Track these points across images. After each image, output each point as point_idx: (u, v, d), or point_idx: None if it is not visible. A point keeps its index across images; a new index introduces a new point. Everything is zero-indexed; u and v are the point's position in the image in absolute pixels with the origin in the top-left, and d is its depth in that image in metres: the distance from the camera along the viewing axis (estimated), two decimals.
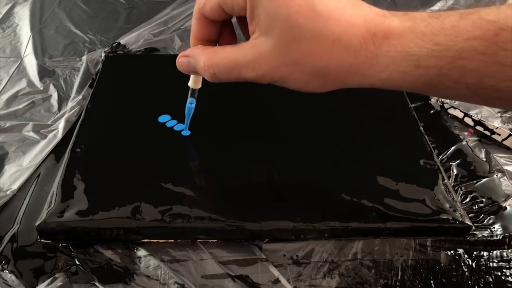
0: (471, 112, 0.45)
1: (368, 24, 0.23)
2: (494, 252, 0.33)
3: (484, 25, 0.21)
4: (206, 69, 0.27)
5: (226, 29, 0.30)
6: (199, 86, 0.34)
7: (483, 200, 0.37)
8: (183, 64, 0.30)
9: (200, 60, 0.28)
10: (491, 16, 0.21)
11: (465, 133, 0.44)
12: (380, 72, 0.24)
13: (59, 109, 0.45)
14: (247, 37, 0.29)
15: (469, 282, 0.31)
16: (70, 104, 0.45)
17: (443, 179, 0.36)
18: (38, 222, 0.32)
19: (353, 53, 0.23)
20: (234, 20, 0.29)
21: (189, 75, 0.33)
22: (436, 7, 0.63)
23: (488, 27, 0.21)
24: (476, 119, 0.44)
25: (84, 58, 0.52)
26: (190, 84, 0.34)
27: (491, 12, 0.21)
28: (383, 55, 0.23)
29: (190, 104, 0.36)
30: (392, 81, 0.24)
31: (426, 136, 0.40)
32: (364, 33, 0.23)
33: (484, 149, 0.42)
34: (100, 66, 0.50)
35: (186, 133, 0.39)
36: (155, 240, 0.33)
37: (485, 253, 0.33)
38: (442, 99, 0.47)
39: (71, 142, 0.38)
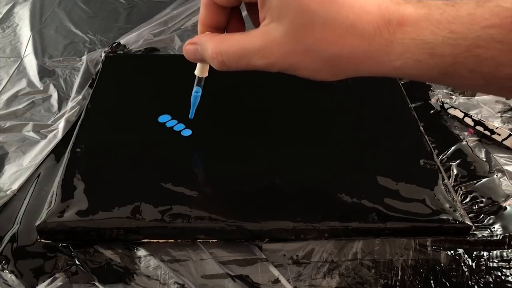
0: (471, 112, 0.45)
1: (382, 11, 0.23)
2: (494, 252, 0.33)
3: (501, 12, 0.21)
4: (214, 56, 0.26)
5: (234, 16, 0.29)
6: (206, 74, 0.33)
7: (483, 200, 0.37)
8: (190, 51, 0.29)
9: (208, 48, 0.27)
10: (509, 4, 0.21)
11: (465, 133, 0.44)
12: (394, 60, 0.23)
13: (59, 109, 0.45)
14: (256, 24, 0.28)
15: (469, 282, 0.31)
16: (70, 104, 0.45)
17: (443, 179, 0.36)
18: (38, 222, 0.32)
19: (367, 40, 0.23)
20: (241, 6, 0.29)
21: (194, 68, 0.33)
22: None
23: (506, 15, 0.21)
24: (476, 119, 0.44)
25: (84, 58, 0.52)
26: (196, 72, 0.33)
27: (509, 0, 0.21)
28: (398, 42, 0.23)
29: (196, 93, 0.35)
30: (406, 69, 0.24)
31: (426, 136, 0.40)
32: (379, 20, 0.23)
33: (484, 149, 0.42)
34: (100, 66, 0.50)
35: (186, 133, 0.39)
36: (155, 240, 0.33)
37: (485, 253, 0.33)
38: (442, 99, 0.47)
39: (71, 142, 0.38)
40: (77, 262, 0.31)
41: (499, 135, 0.43)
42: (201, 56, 0.28)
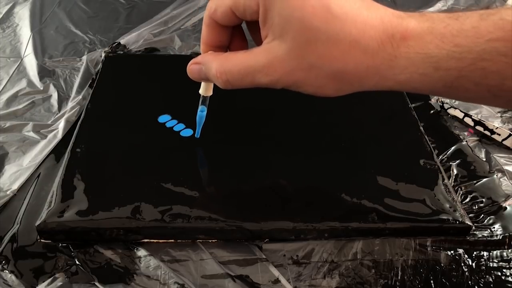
0: (471, 112, 0.45)
1: (385, 25, 0.23)
2: (494, 252, 0.33)
3: (506, 26, 0.21)
4: (218, 76, 0.27)
5: (236, 34, 0.29)
6: (210, 93, 0.33)
7: (483, 200, 0.37)
8: (194, 71, 0.29)
9: (212, 67, 0.27)
10: None
11: (465, 133, 0.44)
12: (398, 74, 0.23)
13: (59, 109, 0.45)
14: (257, 42, 0.28)
15: (469, 282, 0.31)
16: (70, 104, 0.45)
17: (443, 179, 0.36)
18: (38, 222, 0.32)
19: (370, 55, 0.23)
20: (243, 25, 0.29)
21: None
22: (436, 7, 0.63)
23: (510, 28, 0.21)
24: (476, 119, 0.44)
25: (84, 58, 0.52)
26: (201, 91, 0.33)
27: None
28: (402, 56, 0.23)
29: (201, 112, 0.35)
30: (410, 83, 0.24)
31: (426, 136, 0.40)
32: (382, 35, 0.23)
33: (484, 149, 0.42)
34: (100, 66, 0.50)
35: (186, 133, 0.39)
36: (155, 240, 0.33)
37: (485, 253, 0.33)
38: (442, 99, 0.47)
39: (71, 142, 0.38)
40: (77, 262, 0.31)
41: (499, 135, 0.43)
42: (205, 76, 0.28)
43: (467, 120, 0.45)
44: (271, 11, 0.24)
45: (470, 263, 0.32)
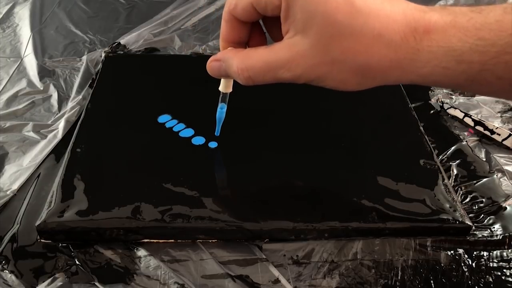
0: (471, 112, 0.45)
1: (407, 19, 0.23)
2: (494, 252, 0.33)
3: None
4: (240, 72, 0.26)
5: (255, 30, 0.29)
6: (230, 90, 0.33)
7: (483, 200, 0.37)
8: (215, 68, 0.29)
9: (233, 64, 0.27)
10: None
11: (465, 133, 0.44)
12: (421, 67, 0.23)
13: (59, 109, 0.45)
14: (274, 37, 0.28)
15: (469, 282, 0.31)
16: (70, 104, 0.45)
17: (443, 179, 0.36)
18: (38, 222, 0.32)
19: (393, 49, 0.23)
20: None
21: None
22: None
23: None
24: (476, 119, 0.44)
25: (84, 58, 0.52)
26: (221, 88, 0.33)
27: None
28: (424, 50, 0.23)
29: (221, 109, 0.35)
30: (433, 76, 0.24)
31: (426, 136, 0.40)
32: (405, 28, 0.23)
33: (484, 149, 0.42)
34: (100, 66, 0.50)
35: (187, 133, 0.39)
36: (155, 240, 0.33)
37: (485, 253, 0.33)
38: (442, 99, 0.47)
39: (71, 142, 0.38)
40: (77, 262, 0.31)
41: (499, 135, 0.43)
42: (225, 72, 0.28)
43: (467, 120, 0.45)
44: (293, 6, 0.24)
45: (470, 263, 0.32)
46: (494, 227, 0.35)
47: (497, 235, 0.34)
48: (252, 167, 0.37)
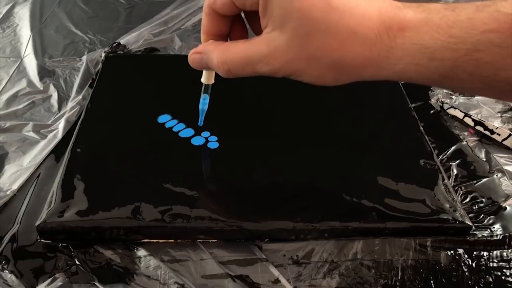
0: (471, 112, 0.45)
1: (382, 16, 0.23)
2: (494, 252, 0.33)
3: (500, 17, 0.21)
4: (220, 65, 0.27)
5: (236, 23, 0.29)
6: (212, 81, 0.34)
7: (483, 200, 0.37)
8: (196, 60, 0.29)
9: (214, 57, 0.27)
10: (507, 9, 0.21)
11: (465, 133, 0.44)
12: (395, 64, 0.24)
13: (59, 109, 0.45)
14: (255, 31, 0.29)
15: (469, 282, 0.31)
16: (70, 104, 0.45)
17: (443, 179, 0.36)
18: (38, 222, 0.32)
19: (368, 46, 0.23)
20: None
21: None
22: None
23: (505, 20, 0.21)
24: (476, 119, 0.44)
25: (84, 58, 0.52)
26: (203, 80, 0.33)
27: (508, 4, 0.21)
28: (398, 47, 0.23)
29: (204, 100, 0.36)
30: (406, 73, 0.24)
31: (426, 136, 0.40)
32: (379, 26, 0.23)
33: (484, 149, 0.42)
34: (100, 66, 0.50)
35: (187, 133, 0.39)
36: (155, 240, 0.33)
37: (485, 253, 0.33)
38: (442, 99, 0.47)
39: (71, 142, 0.38)
40: (77, 262, 0.31)
41: (499, 135, 0.43)
42: (206, 65, 0.29)
43: (467, 120, 0.45)
44: (271, 2, 0.24)
45: (470, 263, 0.32)
46: (494, 227, 0.35)
47: (497, 235, 0.34)
48: (253, 167, 0.37)
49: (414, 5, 0.24)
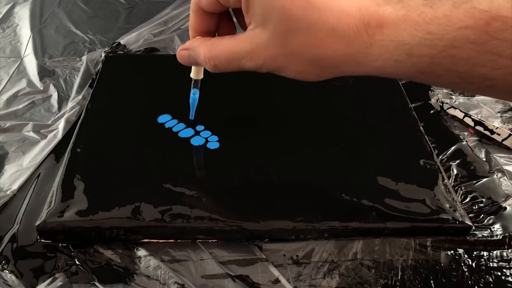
0: (471, 112, 0.45)
1: (362, 13, 0.23)
2: (494, 252, 0.33)
3: (476, 14, 0.21)
4: (207, 61, 0.28)
5: (224, 19, 0.30)
6: (201, 76, 0.34)
7: (483, 200, 0.37)
8: (184, 56, 0.30)
9: (201, 53, 0.28)
10: (483, 6, 0.21)
11: (465, 133, 0.44)
12: (374, 61, 0.24)
13: (59, 109, 0.45)
14: (243, 27, 0.29)
15: (469, 282, 0.31)
16: (70, 104, 0.45)
17: (443, 179, 0.36)
18: (38, 222, 0.32)
19: (347, 43, 0.24)
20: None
21: (190, 69, 0.34)
22: None
23: (480, 17, 0.21)
24: (476, 119, 0.44)
25: (84, 58, 0.52)
26: (192, 75, 0.34)
27: (484, 1, 0.21)
28: (377, 44, 0.23)
29: (194, 95, 0.36)
30: (386, 69, 0.24)
31: (426, 136, 0.40)
32: (358, 23, 0.23)
33: (484, 149, 0.42)
34: (100, 66, 0.50)
35: (186, 133, 0.39)
36: (155, 240, 0.33)
37: (485, 253, 0.33)
38: (442, 99, 0.47)
39: (71, 142, 0.38)
40: (77, 262, 0.31)
41: (499, 135, 0.43)
42: (194, 61, 0.29)
43: (467, 120, 0.45)
44: (252, 0, 0.24)
45: (470, 263, 0.32)
46: (494, 227, 0.35)
47: (497, 235, 0.34)
48: (252, 167, 0.37)
49: (395, 1, 0.24)
